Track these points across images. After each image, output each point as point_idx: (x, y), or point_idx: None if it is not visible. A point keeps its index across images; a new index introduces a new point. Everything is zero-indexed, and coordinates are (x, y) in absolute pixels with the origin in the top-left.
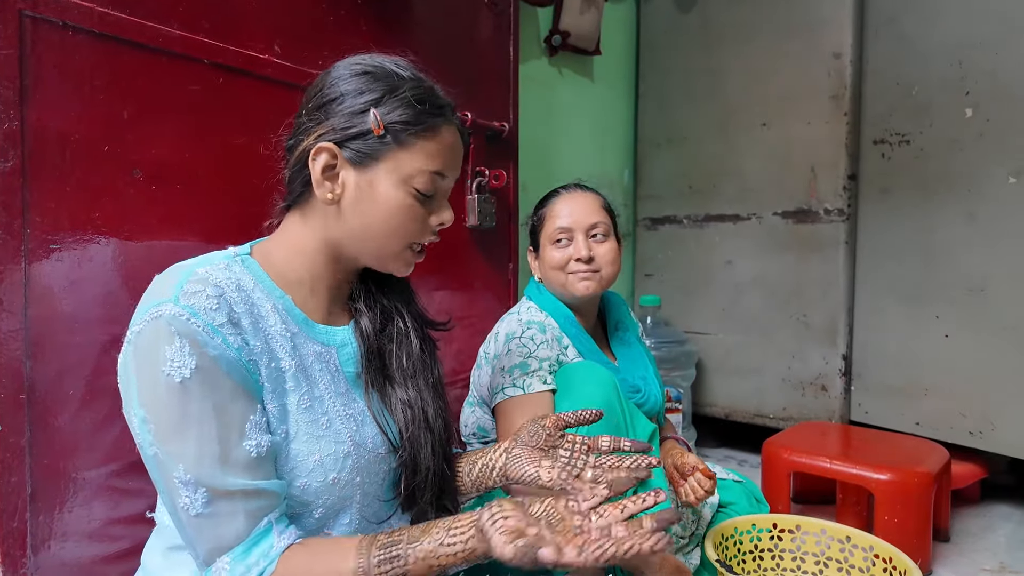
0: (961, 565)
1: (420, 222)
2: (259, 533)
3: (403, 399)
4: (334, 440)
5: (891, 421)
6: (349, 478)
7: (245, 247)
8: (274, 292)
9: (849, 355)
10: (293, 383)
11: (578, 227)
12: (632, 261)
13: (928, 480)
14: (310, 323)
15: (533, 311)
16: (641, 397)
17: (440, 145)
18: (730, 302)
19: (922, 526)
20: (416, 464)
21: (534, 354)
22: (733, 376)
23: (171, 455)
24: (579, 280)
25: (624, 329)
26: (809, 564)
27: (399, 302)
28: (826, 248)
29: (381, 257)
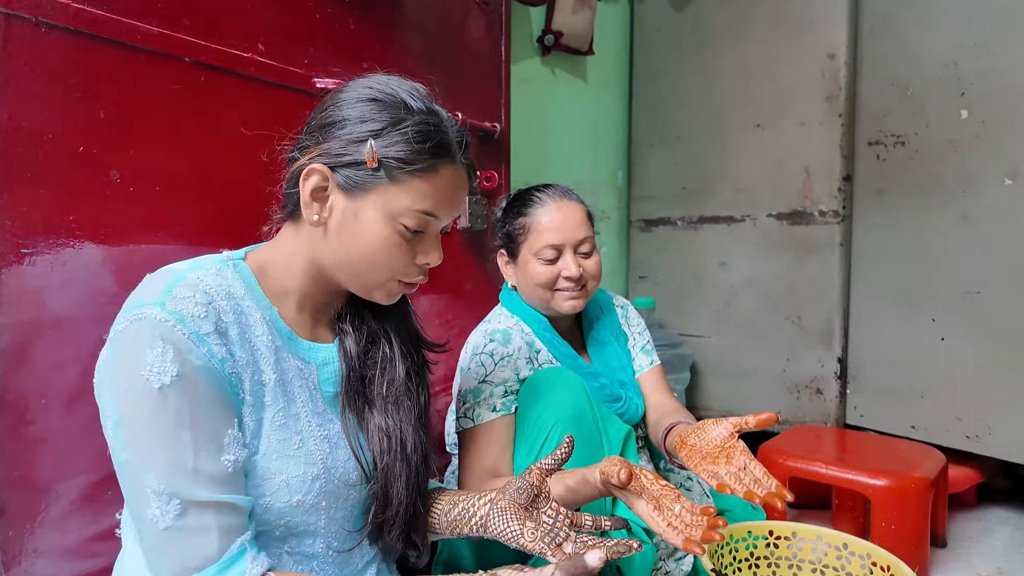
0: (958, 570)
1: (404, 259)
2: (231, 557)
3: (381, 426)
4: (304, 461)
5: (887, 425)
6: (315, 502)
7: (239, 252)
8: (263, 302)
9: (844, 358)
10: (271, 398)
11: (567, 243)
12: (626, 263)
13: (925, 485)
14: (294, 338)
15: (503, 318)
16: (621, 406)
17: (436, 186)
18: (724, 304)
19: (920, 532)
20: (387, 497)
21: (488, 377)
22: (728, 379)
23: (143, 463)
24: (566, 300)
25: (600, 327)
26: (806, 572)
27: (390, 324)
28: (821, 250)
29: (364, 287)
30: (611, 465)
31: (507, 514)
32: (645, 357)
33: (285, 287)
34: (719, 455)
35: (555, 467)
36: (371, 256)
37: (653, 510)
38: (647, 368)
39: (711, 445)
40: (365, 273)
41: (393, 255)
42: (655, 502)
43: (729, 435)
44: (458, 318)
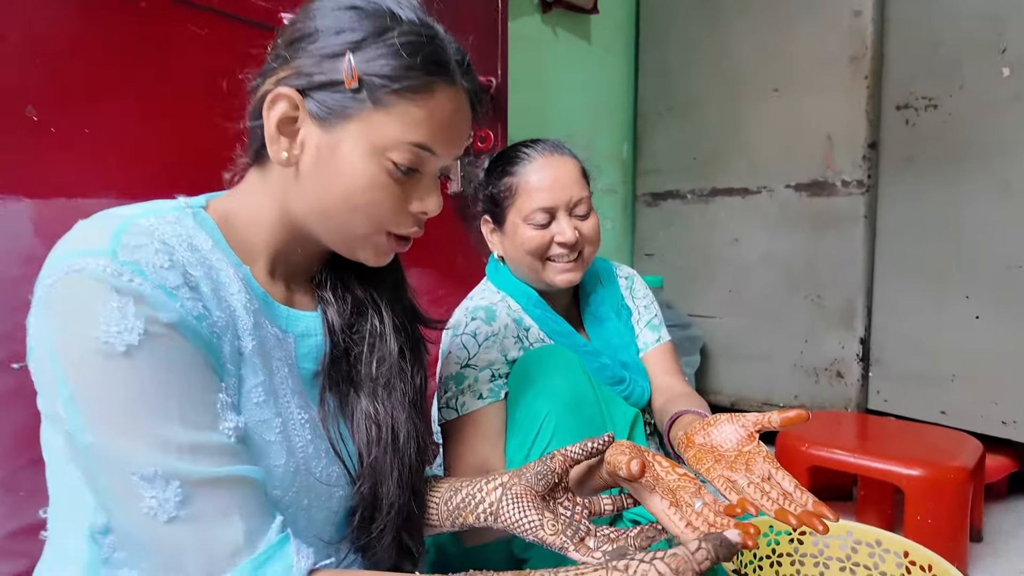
0: (998, 568)
1: (395, 205)
2: (271, 547)
3: (369, 413)
4: (285, 450)
5: (913, 410)
6: (295, 499)
7: (198, 199)
8: (232, 258)
9: (867, 339)
10: (250, 369)
11: (560, 204)
12: (631, 240)
13: (965, 476)
14: (270, 301)
15: (487, 293)
16: (624, 389)
17: (431, 111)
18: (737, 283)
19: (958, 526)
20: (376, 497)
21: (472, 360)
22: (740, 362)
23: (120, 444)
24: (560, 272)
25: (599, 302)
26: (834, 571)
27: (380, 293)
28: (843, 223)
29: (347, 242)
30: (619, 454)
31: (523, 502)
32: (651, 333)
33: (254, 243)
34: (736, 460)
35: (584, 457)
36: (353, 201)
37: (669, 507)
38: (653, 346)
39: (725, 447)
40: (347, 224)
41: (380, 200)
42: (671, 496)
43: (748, 436)
44: (450, 294)
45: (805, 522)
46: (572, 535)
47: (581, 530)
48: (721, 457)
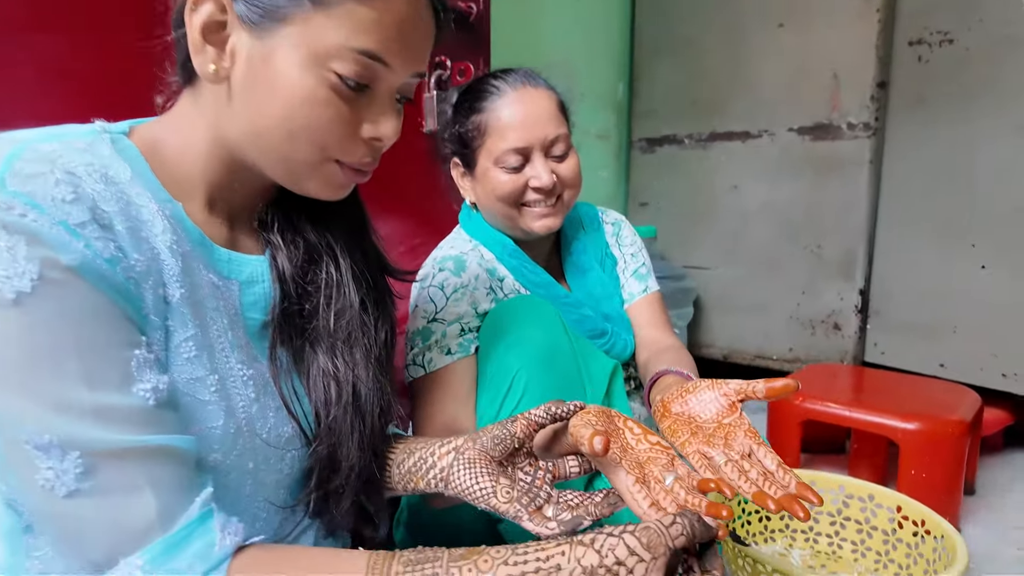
0: (990, 522)
1: (342, 128)
2: (191, 523)
3: (327, 370)
4: (223, 410)
5: (911, 362)
6: (236, 463)
7: (120, 125)
8: (159, 193)
9: (867, 290)
10: (177, 321)
11: (535, 144)
12: (625, 188)
13: (963, 429)
14: (206, 243)
15: (458, 242)
16: (606, 342)
17: (383, 13)
18: (734, 233)
19: (953, 481)
20: (335, 460)
21: (439, 314)
22: (734, 315)
23: (8, 409)
24: (538, 219)
25: (581, 250)
26: (824, 525)
27: (337, 236)
28: (847, 169)
29: (289, 171)
30: (584, 425)
31: (476, 467)
32: (637, 283)
33: (187, 176)
34: (714, 433)
35: (549, 421)
36: (291, 123)
37: (634, 483)
38: (639, 296)
39: (704, 418)
40: (286, 150)
41: (323, 121)
42: (639, 470)
43: (730, 406)
44: (425, 243)
45: (785, 507)
46: (528, 503)
47: (540, 496)
48: (699, 429)
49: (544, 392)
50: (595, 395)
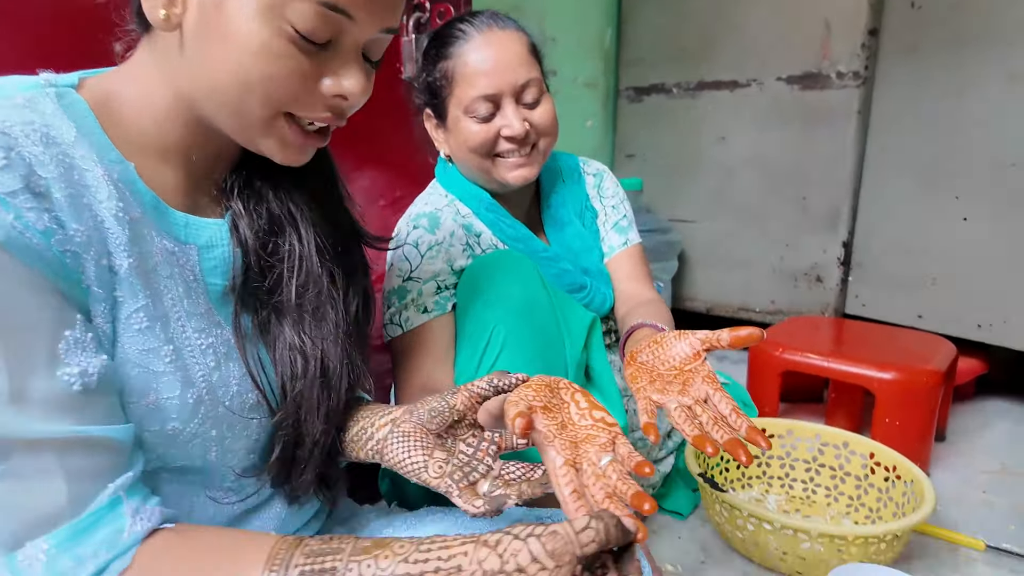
0: (960, 467)
1: (301, 82)
2: (100, 510)
3: (293, 344)
4: (180, 380)
5: (891, 314)
6: (198, 430)
7: (69, 77)
8: (109, 153)
9: (850, 242)
10: (126, 291)
11: (505, 90)
12: (612, 140)
13: (937, 379)
14: (161, 207)
15: (433, 197)
16: (585, 296)
17: None
18: (721, 185)
19: (925, 428)
20: (299, 434)
21: (414, 273)
22: (718, 268)
23: None
24: (512, 169)
25: (559, 203)
26: (799, 471)
27: (299, 206)
28: (835, 119)
29: (243, 129)
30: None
31: (409, 440)
32: (617, 236)
33: (143, 135)
34: (674, 380)
35: (492, 393)
36: (245, 75)
37: (563, 465)
38: (619, 249)
39: (667, 365)
40: (240, 105)
41: (278, 74)
42: (572, 449)
43: (694, 354)
44: (407, 196)
45: (728, 450)
46: (460, 478)
47: (478, 470)
48: (658, 377)
49: (523, 347)
50: (574, 348)
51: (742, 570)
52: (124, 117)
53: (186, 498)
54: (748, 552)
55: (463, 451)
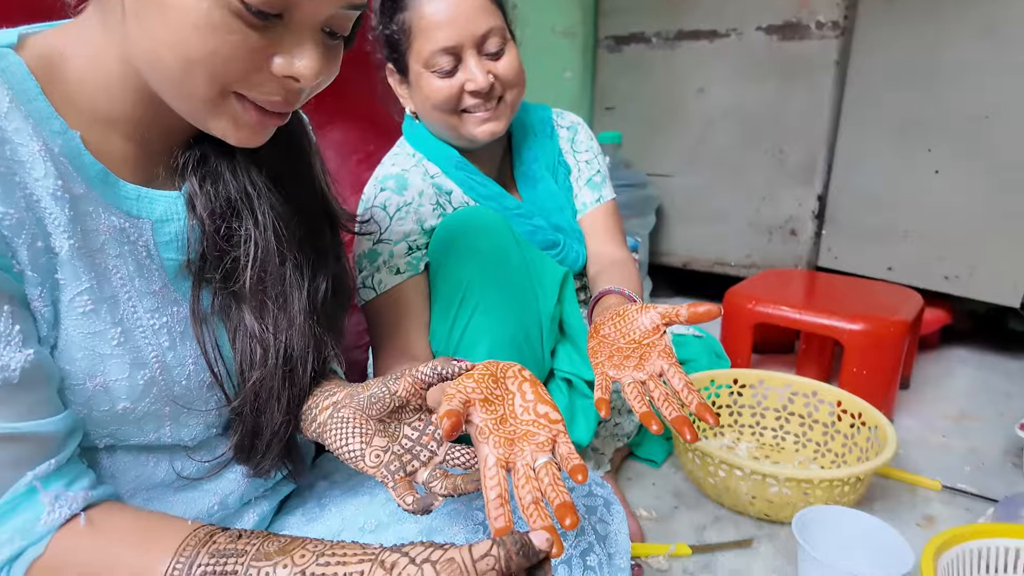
0: (921, 413)
1: (247, 60)
2: (15, 497)
3: (253, 331)
4: (129, 361)
5: (862, 267)
6: (151, 408)
7: (8, 34)
8: (50, 122)
9: (825, 195)
10: (68, 273)
11: (466, 42)
12: (591, 92)
13: (903, 330)
14: (110, 179)
15: (400, 157)
16: (558, 254)
17: None
18: (699, 139)
19: (890, 377)
20: (257, 424)
21: (384, 236)
22: (695, 223)
23: None
24: (479, 124)
25: (531, 158)
26: (769, 419)
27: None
28: (814, 70)
29: (190, 108)
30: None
31: (347, 427)
32: (591, 193)
33: (91, 101)
34: (632, 354)
35: (436, 380)
36: (185, 48)
37: (493, 464)
38: (592, 207)
39: (627, 339)
40: (183, 82)
41: (223, 51)
42: (508, 447)
43: (654, 328)
44: (379, 150)
45: (675, 428)
46: (397, 468)
47: (420, 457)
48: (617, 352)
49: (496, 304)
50: (547, 304)
51: (713, 514)
52: (70, 80)
53: (141, 467)
54: (719, 497)
55: (407, 435)
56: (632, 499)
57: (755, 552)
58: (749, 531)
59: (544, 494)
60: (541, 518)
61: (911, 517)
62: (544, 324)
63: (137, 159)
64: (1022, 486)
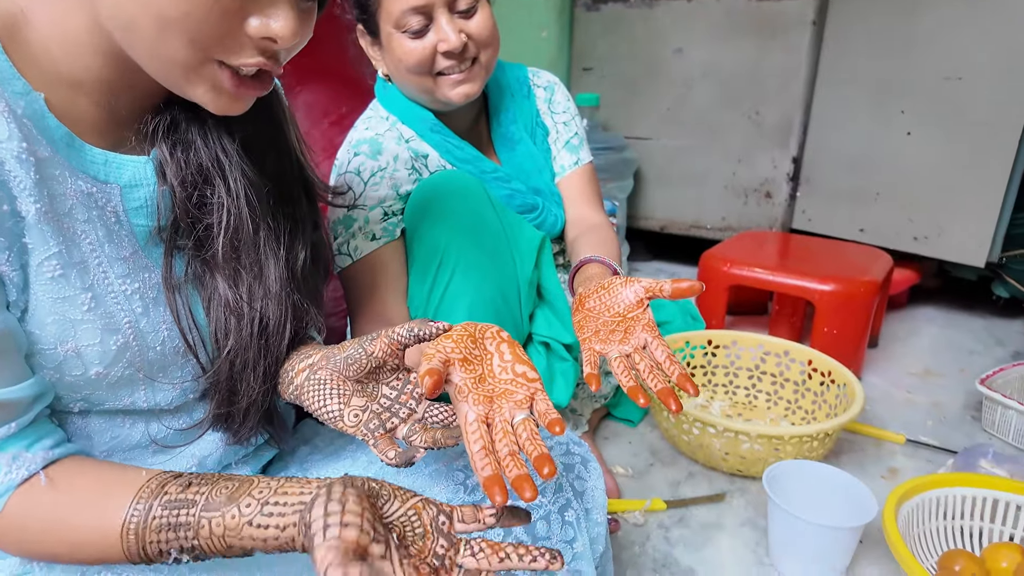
0: (889, 370)
1: (222, 21)
2: None
3: (228, 300)
4: (101, 327)
5: (835, 228)
6: (124, 373)
7: None
8: (12, 83)
9: (800, 157)
10: (36, 238)
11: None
12: (568, 53)
13: (872, 290)
14: (76, 143)
15: (374, 121)
16: (536, 217)
17: None
18: (677, 100)
19: (860, 336)
20: (234, 392)
21: (358, 201)
22: (673, 186)
23: None
24: (454, 86)
25: (509, 120)
26: (742, 378)
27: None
28: (791, 31)
29: (167, 73)
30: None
31: (325, 389)
32: (569, 156)
33: (57, 63)
34: (616, 327)
35: (413, 341)
36: (158, 8)
37: (474, 420)
38: (570, 169)
39: (612, 312)
40: (156, 45)
41: (194, 9)
42: (487, 404)
43: (637, 302)
44: (352, 112)
45: (661, 399)
46: (377, 426)
47: (399, 415)
48: (602, 326)
49: (474, 268)
50: (524, 267)
51: (687, 470)
52: (33, 42)
53: (117, 428)
54: (693, 454)
55: (385, 395)
56: (609, 457)
57: (727, 505)
58: (722, 486)
59: (522, 448)
60: (517, 467)
61: (876, 469)
62: (522, 288)
63: (104, 123)
64: (980, 438)
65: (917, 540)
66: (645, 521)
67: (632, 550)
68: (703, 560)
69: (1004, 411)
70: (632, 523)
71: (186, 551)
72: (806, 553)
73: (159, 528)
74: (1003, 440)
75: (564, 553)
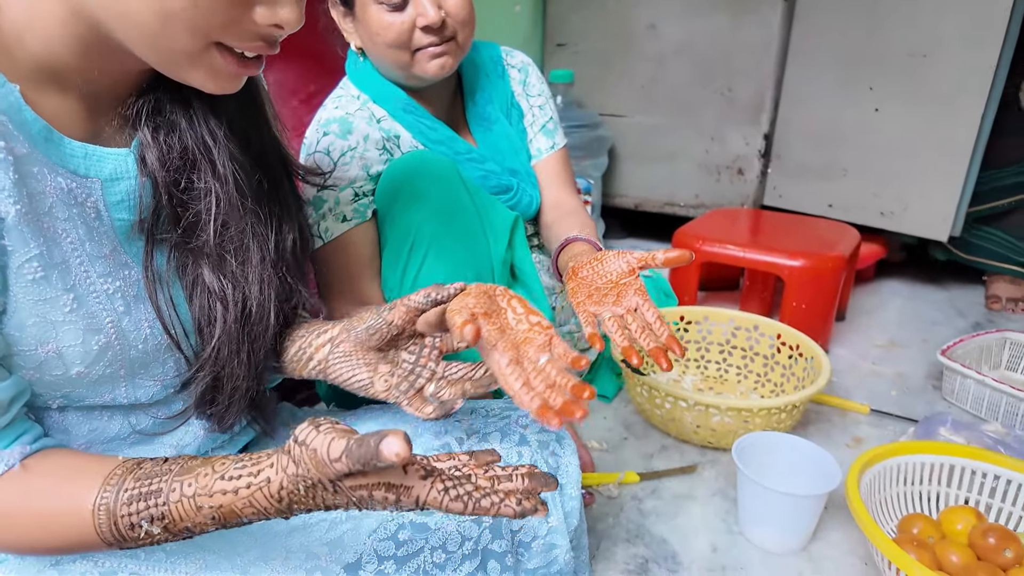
0: (855, 342)
1: (229, 10)
2: None
3: (213, 288)
4: (83, 328)
5: (804, 204)
6: (105, 372)
7: None
8: None
9: (771, 134)
10: (15, 240)
11: None
12: (542, 28)
13: (840, 265)
14: (55, 137)
15: (344, 99)
16: (512, 198)
17: None
18: (651, 78)
19: (827, 310)
20: (217, 380)
21: (328, 182)
22: (647, 164)
23: None
24: (430, 60)
25: (484, 100)
26: (714, 353)
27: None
28: (762, 6)
29: (167, 61)
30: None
31: (351, 360)
32: (545, 139)
33: (32, 54)
34: (609, 292)
35: (430, 306)
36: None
37: (508, 363)
38: (546, 153)
39: (604, 279)
40: (158, 34)
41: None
42: (514, 351)
43: (629, 270)
44: (321, 91)
45: (652, 357)
46: (407, 388)
47: (423, 376)
48: (596, 291)
49: (447, 248)
50: (498, 248)
51: (660, 443)
52: (8, 32)
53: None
54: (666, 427)
55: (405, 359)
56: (584, 432)
57: (699, 477)
58: (693, 458)
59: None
60: (560, 395)
61: (841, 439)
62: (496, 268)
63: (83, 113)
64: (940, 406)
65: (878, 506)
66: (619, 493)
67: (606, 522)
68: (675, 529)
69: (963, 380)
70: (606, 496)
71: (156, 520)
72: (773, 521)
73: (130, 500)
74: (961, 408)
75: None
